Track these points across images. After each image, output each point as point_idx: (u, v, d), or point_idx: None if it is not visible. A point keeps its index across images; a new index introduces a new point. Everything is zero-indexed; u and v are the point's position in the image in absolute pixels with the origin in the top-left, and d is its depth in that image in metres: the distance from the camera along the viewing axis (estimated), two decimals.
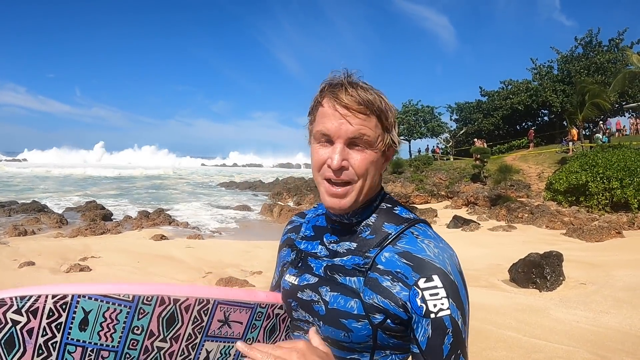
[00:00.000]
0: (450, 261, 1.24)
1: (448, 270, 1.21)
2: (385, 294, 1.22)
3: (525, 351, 4.92)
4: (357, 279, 1.27)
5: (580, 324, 5.71)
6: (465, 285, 1.25)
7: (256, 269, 9.16)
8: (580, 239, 12.10)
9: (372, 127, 1.24)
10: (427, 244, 1.24)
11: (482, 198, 21.31)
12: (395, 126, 1.32)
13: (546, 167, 26.55)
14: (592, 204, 17.77)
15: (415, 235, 1.27)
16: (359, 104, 1.22)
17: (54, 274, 8.26)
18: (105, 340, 1.24)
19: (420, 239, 1.26)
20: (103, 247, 11.19)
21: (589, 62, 41.28)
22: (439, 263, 1.21)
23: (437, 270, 1.20)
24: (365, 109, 1.22)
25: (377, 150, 1.27)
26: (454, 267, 1.24)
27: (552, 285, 7.27)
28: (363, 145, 1.25)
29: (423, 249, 1.23)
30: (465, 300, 1.23)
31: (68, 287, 1.19)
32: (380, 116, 1.25)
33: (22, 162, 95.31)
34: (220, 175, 57.55)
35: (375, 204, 1.35)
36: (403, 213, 1.34)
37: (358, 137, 1.23)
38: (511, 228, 14.71)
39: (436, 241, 1.26)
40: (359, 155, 1.25)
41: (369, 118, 1.23)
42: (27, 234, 13.55)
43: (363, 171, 1.26)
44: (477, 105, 48.94)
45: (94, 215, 17.81)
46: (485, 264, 9.32)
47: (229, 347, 1.48)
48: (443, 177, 28.39)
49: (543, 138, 40.91)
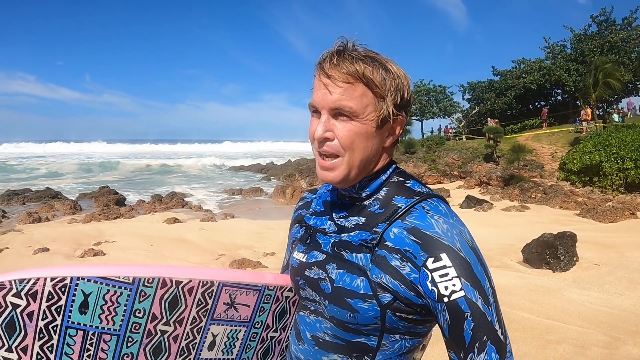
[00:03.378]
0: (460, 237, 1.14)
1: (457, 247, 1.12)
2: (395, 274, 1.16)
3: (539, 332, 4.91)
4: (364, 255, 1.21)
5: (593, 305, 5.68)
6: (481, 261, 1.14)
7: (269, 250, 9.20)
8: (594, 219, 12.01)
9: (356, 97, 1.16)
10: (436, 220, 1.15)
11: (495, 178, 21.17)
12: (396, 94, 1.20)
13: (559, 147, 26.30)
14: (605, 184, 17.58)
15: (425, 210, 1.18)
16: (340, 72, 1.16)
17: (68, 259, 8.33)
18: (107, 324, 1.23)
19: (431, 214, 1.17)
20: (117, 231, 11.28)
21: (602, 41, 40.60)
22: (446, 240, 1.12)
23: (445, 248, 1.12)
24: (348, 77, 1.16)
25: (365, 121, 1.18)
26: (465, 243, 1.14)
27: (565, 266, 7.23)
28: (348, 116, 1.18)
29: (432, 224, 1.15)
30: (482, 277, 1.12)
31: (67, 269, 1.18)
32: (369, 84, 1.16)
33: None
34: (232, 158, 57.54)
35: (384, 176, 1.28)
36: (416, 187, 1.26)
37: (340, 108, 1.17)
38: (524, 208, 14.62)
39: (446, 217, 1.17)
40: (343, 126, 1.19)
41: (352, 87, 1.16)
42: (41, 221, 13.69)
43: (348, 143, 1.19)
44: (489, 84, 48.35)
45: (107, 200, 17.95)
46: (498, 244, 9.27)
47: (236, 330, 1.46)
48: (456, 157, 28.14)
49: (556, 118, 40.48)
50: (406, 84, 1.23)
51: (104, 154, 73.23)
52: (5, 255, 8.84)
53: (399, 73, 1.22)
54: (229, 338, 1.46)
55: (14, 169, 43.22)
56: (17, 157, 63.34)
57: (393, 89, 1.19)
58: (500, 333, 1.09)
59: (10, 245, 9.77)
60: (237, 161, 52.09)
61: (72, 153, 75.85)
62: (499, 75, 48.11)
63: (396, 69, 1.21)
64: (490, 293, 1.12)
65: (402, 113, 1.24)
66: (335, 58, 1.18)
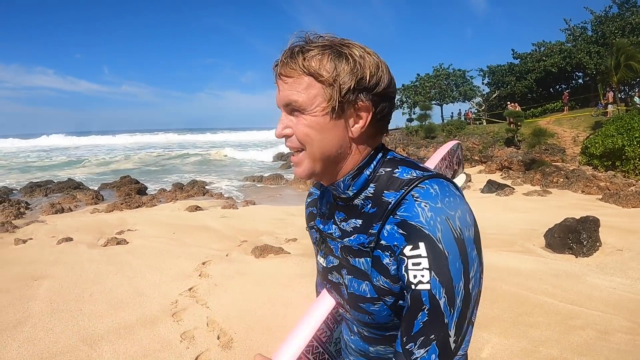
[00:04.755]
0: (444, 225, 1.06)
1: (437, 238, 1.05)
2: (387, 273, 1.15)
3: (562, 317, 4.88)
4: (365, 259, 1.20)
5: (617, 291, 5.63)
6: (464, 255, 1.07)
7: (291, 237, 9.24)
8: (617, 204, 11.85)
9: (301, 90, 1.14)
10: (422, 207, 1.08)
11: (516, 162, 20.98)
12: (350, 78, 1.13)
13: (581, 131, 25.98)
14: (628, 168, 17.35)
15: (414, 198, 1.10)
16: (285, 68, 1.15)
17: (91, 248, 8.44)
18: None
19: (419, 201, 1.09)
20: (139, 220, 11.40)
21: (624, 23, 39.90)
22: (427, 229, 1.06)
23: (424, 238, 1.06)
24: (292, 72, 1.14)
25: (315, 113, 1.14)
26: (449, 232, 1.06)
27: (588, 251, 7.17)
28: (299, 111, 1.16)
29: (418, 213, 1.08)
30: (457, 276, 1.06)
31: None
32: (313, 74, 1.12)
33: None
34: (252, 147, 57.62)
35: (367, 171, 1.22)
36: (404, 174, 1.17)
37: (288, 103, 1.16)
38: (546, 193, 14.48)
39: (434, 201, 1.08)
40: (298, 121, 1.17)
41: (297, 80, 1.14)
42: (63, 212, 13.88)
43: (302, 137, 1.17)
44: (509, 68, 47.81)
45: (129, 189, 18.11)
46: (520, 229, 9.22)
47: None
48: (476, 142, 27.91)
49: (577, 101, 39.97)
50: (369, 66, 1.14)
51: (127, 144, 73.86)
52: (30, 246, 8.98)
53: (359, 55, 1.14)
54: None
55: (35, 162, 43.76)
56: (40, 149, 64.16)
57: (345, 73, 1.12)
58: (452, 340, 1.07)
59: (34, 235, 9.93)
60: (259, 149, 52.01)
61: (91, 145, 76.62)
62: (519, 58, 47.58)
63: (358, 51, 1.15)
64: (461, 295, 1.06)
65: (362, 97, 1.15)
66: (284, 57, 1.17)
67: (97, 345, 4.59)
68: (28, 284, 6.49)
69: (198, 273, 6.85)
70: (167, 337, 4.74)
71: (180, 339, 4.68)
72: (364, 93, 1.15)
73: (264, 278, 6.51)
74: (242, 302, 5.63)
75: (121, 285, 6.37)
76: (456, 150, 1.90)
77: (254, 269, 7.01)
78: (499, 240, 8.31)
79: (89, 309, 5.55)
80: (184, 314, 5.30)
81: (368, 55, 1.15)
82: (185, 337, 4.73)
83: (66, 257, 7.83)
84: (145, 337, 4.72)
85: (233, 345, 4.51)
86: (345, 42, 1.16)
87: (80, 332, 4.90)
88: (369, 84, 1.15)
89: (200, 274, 6.82)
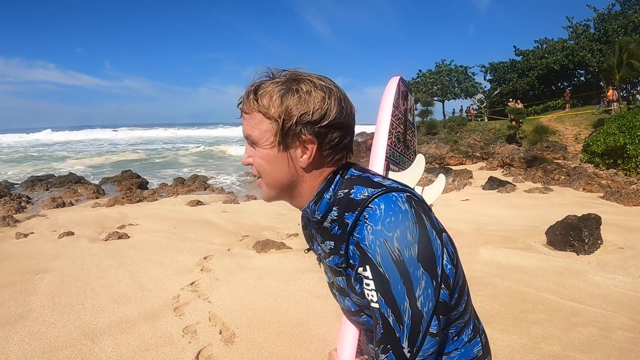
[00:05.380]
0: (383, 249, 1.09)
1: (377, 262, 1.10)
2: (356, 290, 1.24)
3: (564, 314, 4.89)
4: (342, 278, 1.28)
5: (618, 289, 5.63)
6: (405, 277, 1.09)
7: (292, 232, 9.25)
8: (618, 202, 11.85)
9: (254, 125, 1.24)
10: (367, 230, 1.12)
11: (518, 159, 21.01)
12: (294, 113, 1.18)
13: (583, 129, 25.97)
14: (630, 166, 17.32)
15: (365, 220, 1.14)
16: (244, 106, 1.26)
17: (92, 243, 8.44)
18: None
19: (367, 223, 1.13)
20: (140, 214, 11.40)
21: (626, 21, 39.83)
22: (370, 252, 1.11)
23: (368, 261, 1.12)
24: (248, 109, 1.24)
25: (265, 146, 1.23)
26: (387, 256, 1.09)
27: (590, 249, 7.17)
28: (255, 144, 1.26)
29: (364, 236, 1.13)
30: (401, 297, 1.09)
31: None
32: (262, 111, 1.21)
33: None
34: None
35: (327, 195, 1.26)
36: (358, 194, 1.20)
37: (247, 137, 1.28)
38: (547, 190, 14.48)
39: (376, 223, 1.11)
40: (254, 153, 1.27)
41: (252, 116, 1.24)
42: (65, 206, 13.91)
43: (258, 167, 1.28)
44: (511, 65, 47.73)
45: (130, 184, 18.12)
46: (522, 226, 9.22)
47: None
48: (478, 138, 27.89)
49: (579, 99, 39.91)
50: (314, 100, 1.19)
51: (128, 138, 73.91)
52: (31, 240, 8.99)
53: (305, 90, 1.19)
54: None
55: (36, 156, 43.79)
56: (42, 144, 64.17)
57: (290, 109, 1.19)
58: (407, 351, 1.12)
59: (35, 229, 9.94)
60: None
61: (89, 140, 76.61)
62: (521, 55, 47.52)
63: (305, 87, 1.20)
64: (408, 314, 1.10)
65: (305, 131, 1.20)
66: (244, 95, 1.26)
67: (98, 339, 4.59)
68: (29, 278, 6.49)
69: (200, 268, 6.85)
70: (169, 331, 4.74)
71: (182, 333, 4.69)
72: (308, 127, 1.20)
73: (265, 273, 6.51)
74: (244, 297, 5.64)
75: (123, 280, 6.37)
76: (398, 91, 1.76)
77: (256, 263, 7.01)
78: (500, 237, 8.32)
79: (90, 303, 5.55)
80: (186, 309, 5.30)
81: (315, 90, 1.20)
82: (187, 331, 4.73)
83: (67, 251, 7.83)
84: (147, 331, 4.73)
85: (235, 340, 4.51)
86: (299, 77, 1.23)
87: (82, 326, 4.90)
88: (313, 118, 1.20)
89: (202, 268, 6.82)
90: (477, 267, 6.61)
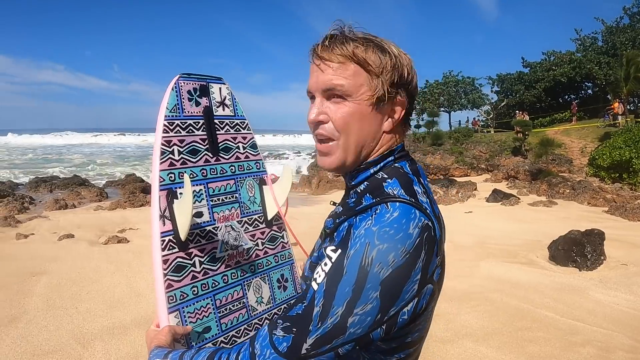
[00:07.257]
0: (362, 248, 1.00)
1: (348, 254, 1.01)
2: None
3: (563, 333, 4.81)
4: (326, 240, 1.19)
5: (620, 307, 5.55)
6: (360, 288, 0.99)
7: (293, 240, 9.19)
8: (623, 217, 11.76)
9: (348, 75, 1.12)
10: (367, 224, 1.03)
11: (523, 172, 20.88)
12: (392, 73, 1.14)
13: (589, 142, 25.84)
14: (635, 181, 17.21)
15: (373, 212, 1.06)
16: (331, 53, 1.14)
17: (91, 246, 8.42)
18: None
19: (370, 218, 1.05)
20: (141, 219, 11.38)
21: (634, 34, 39.71)
22: (351, 241, 1.03)
23: (342, 247, 1.03)
24: (339, 57, 1.13)
25: (359, 101, 1.13)
26: (359, 256, 1.00)
27: (592, 265, 7.08)
28: (341, 97, 1.14)
29: (360, 226, 1.04)
30: (340, 299, 1.00)
31: None
32: (361, 62, 1.12)
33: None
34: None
35: (372, 169, 1.20)
36: (389, 187, 1.13)
37: (332, 88, 1.14)
38: (552, 203, 14.39)
39: (377, 223, 1.03)
40: (337, 108, 1.15)
41: (344, 66, 1.13)
42: (67, 208, 13.88)
43: (341, 124, 1.15)
44: (518, 76, 47.60)
45: (133, 188, 18.09)
46: (524, 240, 9.14)
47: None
48: (483, 150, 27.74)
49: (586, 112, 39.75)
50: (406, 64, 1.17)
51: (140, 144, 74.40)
52: (31, 241, 8.98)
53: (398, 53, 1.17)
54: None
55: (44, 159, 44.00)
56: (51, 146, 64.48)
57: (389, 67, 1.14)
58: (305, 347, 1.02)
59: (36, 231, 9.92)
60: (264, 151, 52.21)
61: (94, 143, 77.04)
62: (529, 67, 47.40)
63: (395, 49, 1.17)
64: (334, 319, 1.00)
65: (401, 93, 1.18)
66: (327, 41, 1.15)
67: (89, 344, 4.55)
68: (26, 280, 6.46)
69: None
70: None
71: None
72: (402, 88, 1.18)
73: None
74: None
75: (119, 285, 6.33)
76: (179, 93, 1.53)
77: None
78: (502, 251, 8.24)
79: (84, 307, 5.51)
80: None
81: (403, 54, 1.18)
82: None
83: (66, 254, 7.81)
84: (139, 338, 4.68)
85: None
86: (382, 39, 1.18)
87: (74, 330, 4.86)
88: (407, 79, 1.18)
89: None
90: (477, 281, 6.54)
